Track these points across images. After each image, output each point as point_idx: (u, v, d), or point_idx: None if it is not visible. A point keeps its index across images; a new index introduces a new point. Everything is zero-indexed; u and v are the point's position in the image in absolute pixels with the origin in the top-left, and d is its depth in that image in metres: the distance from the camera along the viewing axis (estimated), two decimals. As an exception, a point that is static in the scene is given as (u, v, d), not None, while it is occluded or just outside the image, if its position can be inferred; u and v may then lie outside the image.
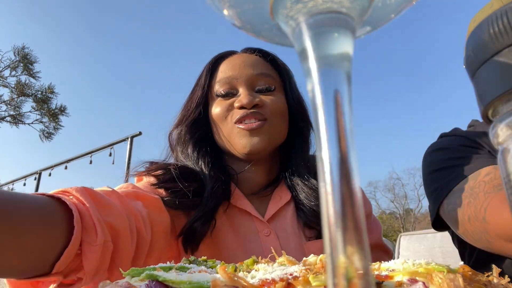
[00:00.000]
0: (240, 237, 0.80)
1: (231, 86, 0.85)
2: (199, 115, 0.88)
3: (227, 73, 0.86)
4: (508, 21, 0.23)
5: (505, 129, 0.23)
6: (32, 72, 13.92)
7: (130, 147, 6.84)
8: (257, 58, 0.89)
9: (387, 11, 0.20)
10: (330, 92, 0.17)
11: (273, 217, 0.84)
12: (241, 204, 0.84)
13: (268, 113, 0.83)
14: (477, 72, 0.25)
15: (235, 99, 0.84)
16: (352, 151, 0.16)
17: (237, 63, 0.87)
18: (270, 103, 0.84)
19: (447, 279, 0.29)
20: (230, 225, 0.82)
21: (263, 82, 0.86)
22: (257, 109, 0.82)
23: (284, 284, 0.29)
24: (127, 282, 0.33)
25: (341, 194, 0.16)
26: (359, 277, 0.15)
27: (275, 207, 0.85)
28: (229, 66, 0.87)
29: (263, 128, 0.81)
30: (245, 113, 0.81)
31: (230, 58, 0.90)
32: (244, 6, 0.20)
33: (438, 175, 0.89)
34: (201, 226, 0.75)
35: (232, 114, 0.83)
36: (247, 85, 0.85)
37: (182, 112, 0.91)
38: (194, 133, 0.88)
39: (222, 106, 0.84)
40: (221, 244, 0.79)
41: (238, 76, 0.85)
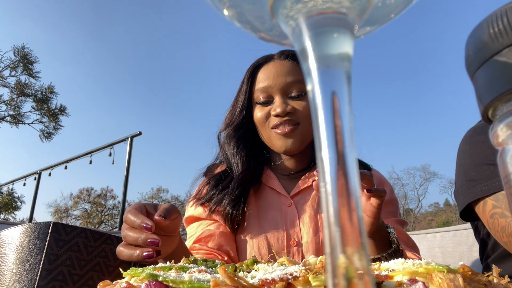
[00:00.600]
0: (265, 209, 1.00)
1: (268, 94, 1.01)
2: (242, 119, 1.06)
3: (264, 83, 1.02)
4: (508, 21, 0.23)
5: (505, 129, 0.23)
6: (32, 72, 13.92)
7: (130, 147, 6.83)
8: (289, 64, 1.02)
9: (387, 11, 0.20)
10: (330, 92, 0.17)
11: (297, 194, 1.02)
12: (272, 184, 1.04)
13: (300, 118, 0.98)
14: (477, 72, 0.25)
15: (271, 106, 1.01)
16: (352, 151, 0.16)
17: (272, 72, 1.02)
18: (302, 108, 0.98)
19: (447, 279, 0.29)
20: (258, 201, 1.02)
21: (295, 89, 0.99)
22: (290, 116, 0.98)
23: (284, 284, 0.29)
24: (127, 282, 0.34)
25: (341, 194, 0.16)
26: (359, 277, 0.15)
27: (301, 186, 1.03)
28: (265, 76, 1.02)
29: (296, 131, 0.98)
30: (280, 120, 0.98)
31: (266, 66, 1.04)
32: (244, 6, 0.20)
33: (484, 170, 0.87)
34: (232, 209, 0.96)
35: (269, 121, 1.01)
36: (281, 93, 1.00)
37: (229, 116, 1.10)
38: (239, 133, 1.07)
39: (261, 113, 1.02)
40: (249, 216, 1.00)
41: (273, 85, 1.00)
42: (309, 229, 0.94)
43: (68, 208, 24.39)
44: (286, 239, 0.95)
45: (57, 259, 0.84)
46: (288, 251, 0.94)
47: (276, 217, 0.98)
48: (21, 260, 0.84)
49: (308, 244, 0.93)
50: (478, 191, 0.86)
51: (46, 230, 0.85)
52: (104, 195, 24.79)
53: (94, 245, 0.90)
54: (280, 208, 1.00)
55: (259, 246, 0.95)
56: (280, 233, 0.96)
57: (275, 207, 1.01)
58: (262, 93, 1.01)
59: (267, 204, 1.02)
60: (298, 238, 0.95)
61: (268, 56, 1.07)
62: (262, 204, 1.02)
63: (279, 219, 0.98)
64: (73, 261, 0.86)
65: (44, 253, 0.83)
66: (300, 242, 0.94)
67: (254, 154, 1.08)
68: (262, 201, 1.03)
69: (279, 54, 1.06)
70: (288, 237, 0.95)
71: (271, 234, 0.96)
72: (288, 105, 0.98)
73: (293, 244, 0.94)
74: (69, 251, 0.86)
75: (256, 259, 0.52)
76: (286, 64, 1.02)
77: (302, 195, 1.02)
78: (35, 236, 0.85)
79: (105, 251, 0.92)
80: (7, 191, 17.23)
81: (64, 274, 0.83)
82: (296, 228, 0.96)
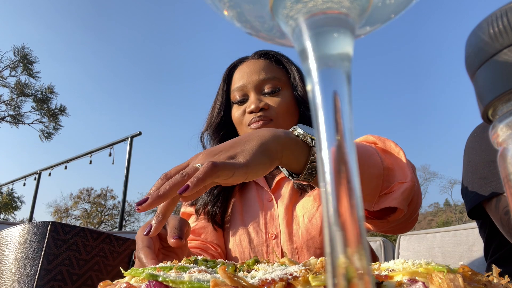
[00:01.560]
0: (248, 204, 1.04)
1: (243, 93, 1.04)
2: (221, 119, 1.09)
3: (239, 82, 1.04)
4: (508, 21, 0.23)
5: (505, 129, 0.23)
6: (32, 72, 13.92)
7: (130, 147, 6.82)
8: (262, 62, 1.05)
9: (387, 11, 0.20)
10: (329, 92, 0.17)
11: (276, 187, 1.05)
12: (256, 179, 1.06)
13: (274, 114, 1.00)
14: (477, 72, 0.25)
15: (247, 104, 1.03)
16: (352, 151, 0.16)
17: (246, 71, 1.04)
18: (275, 105, 1.00)
19: (447, 279, 0.29)
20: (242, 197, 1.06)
21: (269, 85, 1.02)
22: (264, 112, 0.99)
23: (284, 284, 0.29)
24: (128, 282, 0.34)
25: (341, 194, 0.16)
26: (359, 277, 0.15)
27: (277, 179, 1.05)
28: (240, 75, 1.05)
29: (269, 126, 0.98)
30: (254, 117, 1.00)
31: (241, 66, 1.07)
32: (244, 6, 0.20)
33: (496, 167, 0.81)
34: (212, 207, 1.00)
35: (245, 118, 1.03)
36: (255, 91, 1.02)
37: (209, 117, 1.12)
38: (219, 134, 1.09)
39: (238, 112, 1.04)
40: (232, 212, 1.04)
41: (247, 83, 1.03)
42: (283, 221, 0.96)
43: (68, 208, 24.39)
44: (265, 232, 0.98)
45: (56, 258, 0.84)
46: (267, 244, 0.96)
47: (258, 211, 1.02)
48: (20, 260, 0.84)
49: (284, 235, 0.95)
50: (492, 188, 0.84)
51: (45, 230, 0.85)
52: (104, 195, 24.79)
53: (93, 244, 0.90)
54: (261, 202, 1.04)
55: (240, 239, 0.99)
56: (260, 226, 0.99)
57: (257, 200, 1.04)
58: (238, 92, 1.04)
59: (250, 199, 1.06)
60: (277, 231, 0.97)
61: (243, 58, 1.10)
62: (246, 199, 1.06)
63: (260, 213, 1.01)
64: (72, 261, 0.85)
65: (43, 252, 0.83)
66: (278, 235, 0.96)
67: None
68: (246, 196, 1.06)
69: (253, 55, 1.09)
70: (266, 230, 0.98)
71: (252, 228, 0.99)
72: (261, 101, 1.00)
73: (271, 237, 0.97)
74: (68, 250, 0.86)
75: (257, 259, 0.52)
76: (259, 62, 1.05)
77: (279, 189, 1.04)
78: (33, 236, 0.85)
79: (104, 250, 0.92)
80: (7, 191, 17.23)
81: (63, 274, 0.83)
82: (274, 221, 0.98)
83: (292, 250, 0.94)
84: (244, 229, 0.99)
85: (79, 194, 24.49)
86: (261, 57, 1.07)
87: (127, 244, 0.98)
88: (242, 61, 1.09)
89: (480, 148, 0.91)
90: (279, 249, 0.95)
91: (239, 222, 1.02)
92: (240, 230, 1.00)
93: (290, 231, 0.95)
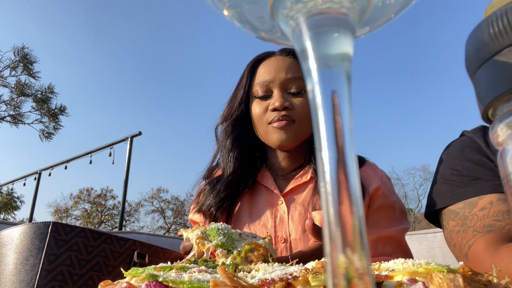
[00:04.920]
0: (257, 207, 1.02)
1: (267, 88, 1.01)
2: (241, 112, 1.06)
3: (264, 77, 1.02)
4: (508, 21, 0.23)
5: (505, 129, 0.23)
6: (32, 72, 13.92)
7: (130, 147, 6.82)
8: (291, 61, 1.03)
9: (387, 11, 0.20)
10: (330, 92, 0.17)
11: (289, 192, 1.02)
12: (266, 183, 1.05)
13: (296, 116, 0.99)
14: (477, 72, 0.25)
15: (270, 101, 1.01)
16: (352, 151, 0.16)
17: (273, 67, 1.02)
18: (299, 106, 0.99)
19: (447, 279, 0.29)
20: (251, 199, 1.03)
21: (294, 85, 1.00)
22: (287, 112, 0.98)
23: (284, 284, 0.29)
24: (128, 282, 0.34)
25: (341, 194, 0.16)
26: (359, 277, 0.15)
27: (293, 184, 1.03)
28: (266, 70, 1.03)
29: (291, 127, 0.98)
30: (277, 115, 0.98)
31: (267, 61, 1.04)
32: (244, 6, 0.20)
33: (445, 185, 0.92)
34: (216, 211, 0.98)
35: (267, 115, 1.00)
36: (280, 88, 1.00)
37: (227, 109, 1.09)
38: (236, 128, 1.07)
39: (260, 107, 1.02)
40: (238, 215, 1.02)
41: (273, 80, 1.00)
42: (298, 227, 0.95)
43: (68, 208, 24.40)
44: (274, 236, 0.96)
45: (57, 259, 0.84)
46: (276, 248, 0.94)
47: (267, 214, 1.00)
48: (20, 260, 0.84)
49: (296, 241, 0.94)
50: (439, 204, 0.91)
51: (46, 230, 0.85)
52: (104, 195, 24.80)
53: (94, 244, 0.90)
54: (271, 206, 1.01)
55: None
56: (268, 229, 0.97)
57: (266, 204, 1.02)
58: (261, 87, 1.02)
59: (259, 202, 1.03)
60: (286, 235, 0.95)
61: (269, 52, 1.07)
62: (255, 202, 1.04)
63: (269, 216, 0.99)
64: (72, 261, 0.86)
65: (44, 253, 0.83)
66: (288, 239, 0.95)
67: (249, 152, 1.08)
68: (255, 199, 1.04)
69: (281, 51, 1.06)
70: (275, 233, 0.96)
71: (260, 231, 0.97)
72: (286, 100, 0.99)
73: (280, 240, 0.95)
74: (69, 251, 0.86)
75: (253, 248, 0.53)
76: (287, 60, 1.03)
77: (294, 193, 1.02)
78: (34, 236, 0.85)
79: (105, 250, 0.92)
80: (7, 191, 17.24)
81: (64, 274, 0.83)
82: (284, 225, 0.97)
83: None
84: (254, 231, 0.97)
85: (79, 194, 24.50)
86: (289, 55, 1.04)
87: (128, 244, 0.98)
88: (269, 56, 1.06)
89: (438, 164, 0.98)
90: (288, 253, 0.93)
91: (246, 224, 1.00)
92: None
93: (306, 238, 0.93)
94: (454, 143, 0.99)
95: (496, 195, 0.82)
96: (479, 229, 0.80)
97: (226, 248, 0.60)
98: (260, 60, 1.06)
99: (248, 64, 1.07)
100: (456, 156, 0.94)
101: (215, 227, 0.66)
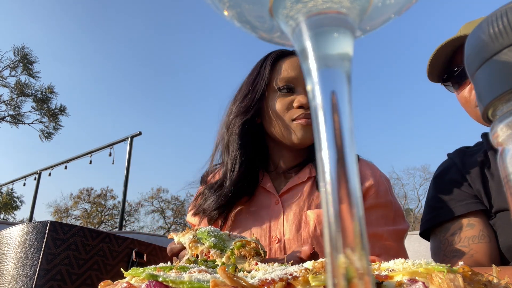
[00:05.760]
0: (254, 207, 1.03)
1: (290, 84, 1.02)
2: (262, 105, 1.04)
3: (290, 72, 1.02)
4: (508, 21, 0.23)
5: (505, 129, 0.23)
6: (32, 72, 13.91)
7: (130, 147, 6.82)
8: None
9: (387, 11, 0.20)
10: (329, 92, 0.17)
11: (286, 192, 1.03)
12: (264, 183, 1.06)
13: None
14: (477, 72, 0.25)
15: (294, 97, 1.01)
16: (352, 151, 0.16)
17: (298, 64, 1.01)
18: None
19: (447, 279, 0.29)
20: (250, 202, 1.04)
21: None
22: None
23: (283, 284, 0.29)
24: (128, 282, 0.34)
25: (341, 194, 0.16)
26: (359, 277, 0.15)
27: (290, 184, 1.03)
28: (291, 66, 1.03)
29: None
30: (302, 113, 0.99)
31: (292, 58, 1.04)
32: (244, 6, 0.20)
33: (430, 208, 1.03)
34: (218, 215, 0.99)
35: (290, 111, 1.00)
36: (304, 86, 0.99)
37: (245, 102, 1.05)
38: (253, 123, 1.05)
39: (283, 103, 1.01)
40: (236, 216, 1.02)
41: (299, 77, 1.01)
42: (292, 226, 0.96)
43: (68, 208, 24.38)
44: (268, 236, 0.97)
45: (55, 258, 0.83)
46: (270, 248, 0.95)
47: (262, 214, 1.01)
48: (19, 260, 0.84)
49: (290, 240, 0.94)
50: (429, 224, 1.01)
51: (44, 229, 0.85)
52: (104, 195, 24.78)
53: (92, 243, 0.90)
54: (267, 206, 1.02)
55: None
56: (263, 230, 0.98)
57: (263, 205, 1.03)
58: (284, 81, 1.01)
59: (256, 202, 1.04)
60: (280, 235, 0.96)
61: (292, 50, 1.06)
62: (253, 204, 1.05)
63: (265, 217, 1.00)
64: (71, 260, 0.85)
65: (42, 252, 0.82)
66: (282, 239, 0.95)
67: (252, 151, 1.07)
68: (254, 201, 1.05)
69: None
70: (270, 233, 0.97)
71: (255, 231, 0.98)
72: None
73: (274, 241, 0.96)
74: (67, 250, 0.86)
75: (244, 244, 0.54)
76: None
77: (290, 193, 1.03)
78: (32, 236, 0.85)
79: (104, 250, 0.92)
80: (7, 191, 17.22)
81: (62, 274, 0.83)
82: (279, 225, 0.97)
83: None
84: (247, 232, 0.98)
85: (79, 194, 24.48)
86: None
87: (127, 243, 0.98)
88: (293, 54, 1.05)
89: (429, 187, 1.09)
90: (282, 253, 0.94)
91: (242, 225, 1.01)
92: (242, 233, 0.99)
93: (300, 237, 0.94)
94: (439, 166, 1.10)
95: (466, 220, 0.93)
96: (447, 253, 0.90)
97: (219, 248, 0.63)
98: (283, 55, 1.05)
99: (269, 56, 1.06)
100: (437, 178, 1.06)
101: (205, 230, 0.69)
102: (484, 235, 0.90)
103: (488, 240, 0.89)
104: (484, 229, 0.91)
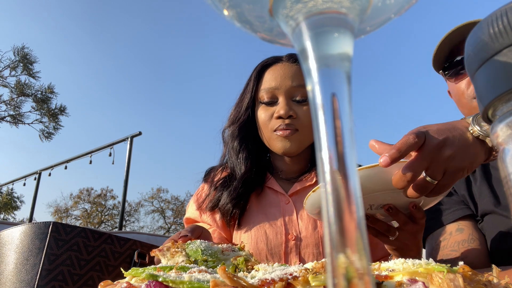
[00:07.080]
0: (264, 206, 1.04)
1: (273, 95, 1.03)
2: (248, 117, 1.08)
3: (270, 83, 1.04)
4: (508, 21, 0.23)
5: (505, 129, 0.23)
6: (32, 72, 13.92)
7: (130, 147, 6.82)
8: (297, 68, 1.04)
9: (387, 11, 0.20)
10: (329, 92, 0.17)
11: (295, 193, 1.05)
12: (271, 184, 1.07)
13: (300, 124, 1.01)
14: (477, 72, 0.25)
15: (275, 108, 1.02)
16: (352, 150, 0.16)
17: (279, 74, 1.03)
18: (303, 114, 1.01)
19: (447, 279, 0.29)
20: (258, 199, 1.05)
21: (300, 93, 1.01)
22: (291, 120, 1.00)
23: (283, 284, 0.29)
24: (128, 282, 0.34)
25: (341, 194, 0.16)
26: (359, 277, 0.15)
27: (298, 186, 1.05)
28: (272, 76, 1.04)
29: (294, 136, 1.00)
30: (281, 123, 1.00)
31: (274, 67, 1.06)
32: (244, 6, 0.20)
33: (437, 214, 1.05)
34: (233, 207, 1.00)
35: (271, 122, 1.02)
36: (285, 96, 1.01)
37: (234, 113, 1.11)
38: (242, 132, 1.09)
39: (265, 114, 1.04)
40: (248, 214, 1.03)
41: (279, 87, 1.02)
42: (308, 225, 0.96)
43: (68, 208, 24.38)
44: (285, 233, 0.97)
45: (57, 259, 0.84)
46: (286, 245, 0.95)
47: (275, 213, 1.01)
48: (21, 260, 0.84)
49: (307, 238, 0.95)
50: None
51: (46, 230, 0.85)
52: (104, 195, 24.78)
53: (94, 244, 0.90)
54: (278, 205, 1.03)
55: (257, 241, 0.97)
56: (278, 227, 0.98)
57: (273, 204, 1.04)
58: (267, 93, 1.03)
59: (266, 202, 1.05)
60: (297, 232, 0.96)
61: (277, 57, 1.08)
62: (262, 202, 1.05)
63: (278, 215, 1.00)
64: (73, 261, 0.86)
65: (44, 253, 0.83)
66: (298, 237, 0.96)
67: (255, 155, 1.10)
68: (262, 200, 1.06)
69: (288, 57, 1.07)
70: (286, 231, 0.97)
71: (270, 229, 0.98)
72: (291, 109, 1.00)
73: (291, 238, 0.96)
74: (69, 250, 0.86)
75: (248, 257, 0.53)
76: (294, 67, 1.04)
77: (299, 195, 1.04)
78: (34, 236, 0.85)
79: (105, 250, 0.92)
80: (7, 191, 17.23)
81: (64, 274, 0.83)
82: (294, 223, 0.98)
83: (318, 254, 0.94)
84: (261, 231, 0.98)
85: (79, 194, 24.48)
86: (296, 62, 1.05)
87: (129, 244, 0.98)
88: (276, 62, 1.07)
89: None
90: (297, 250, 0.95)
91: (255, 223, 1.01)
92: (255, 232, 0.98)
93: (317, 236, 0.95)
94: None
95: (455, 225, 0.95)
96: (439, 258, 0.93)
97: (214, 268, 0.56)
98: (267, 66, 1.07)
99: (255, 68, 1.09)
100: None
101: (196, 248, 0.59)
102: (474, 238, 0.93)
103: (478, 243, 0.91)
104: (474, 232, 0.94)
